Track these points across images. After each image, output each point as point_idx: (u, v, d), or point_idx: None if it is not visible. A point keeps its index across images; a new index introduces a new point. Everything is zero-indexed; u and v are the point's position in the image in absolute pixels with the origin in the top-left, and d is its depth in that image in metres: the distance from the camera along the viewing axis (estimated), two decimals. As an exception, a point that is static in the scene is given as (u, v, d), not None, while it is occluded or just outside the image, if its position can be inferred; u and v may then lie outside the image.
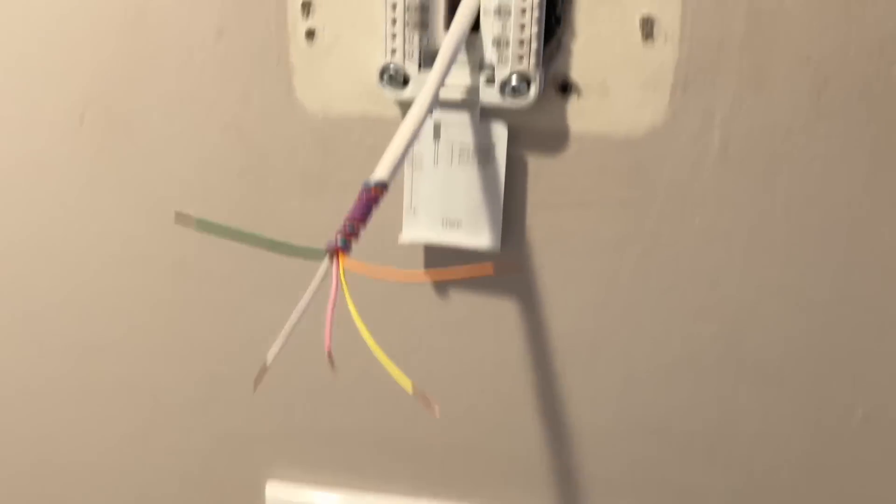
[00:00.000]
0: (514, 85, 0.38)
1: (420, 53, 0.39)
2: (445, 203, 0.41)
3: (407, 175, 0.41)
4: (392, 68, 0.39)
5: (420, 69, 0.39)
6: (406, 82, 0.39)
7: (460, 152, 0.40)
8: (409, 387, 0.29)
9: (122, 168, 0.46)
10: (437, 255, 0.43)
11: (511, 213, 0.41)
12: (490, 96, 0.39)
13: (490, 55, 0.38)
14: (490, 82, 0.38)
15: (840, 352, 0.40)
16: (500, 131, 0.40)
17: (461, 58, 0.39)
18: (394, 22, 0.38)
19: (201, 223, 0.28)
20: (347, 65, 0.41)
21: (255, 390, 0.35)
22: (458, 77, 0.39)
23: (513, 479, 0.48)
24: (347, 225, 0.32)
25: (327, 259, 0.31)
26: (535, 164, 0.41)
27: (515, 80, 0.38)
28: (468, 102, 0.39)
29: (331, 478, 0.50)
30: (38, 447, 0.54)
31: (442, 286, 0.44)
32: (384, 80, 0.39)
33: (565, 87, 0.39)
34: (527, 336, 0.44)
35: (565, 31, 0.38)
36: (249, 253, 0.33)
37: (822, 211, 0.38)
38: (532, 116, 0.39)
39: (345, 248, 0.32)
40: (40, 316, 0.50)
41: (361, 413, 0.48)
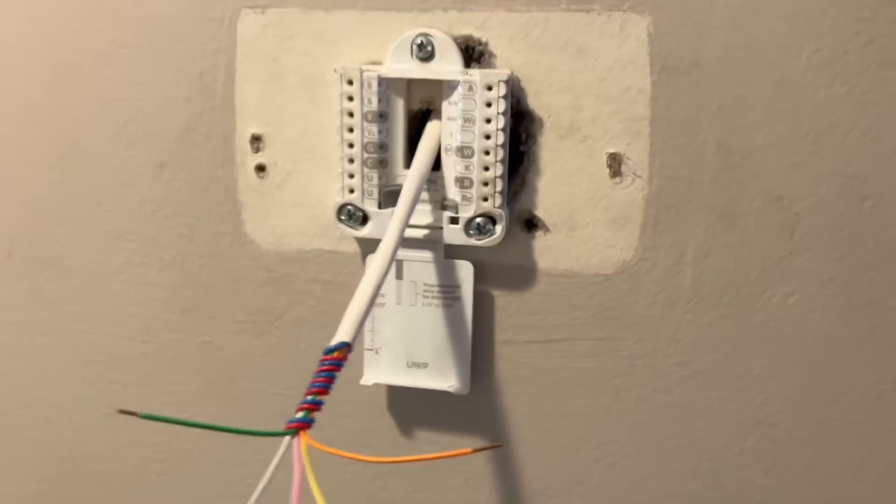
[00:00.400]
0: (479, 224, 0.36)
1: (379, 192, 0.37)
2: (410, 344, 0.39)
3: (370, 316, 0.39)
4: (350, 208, 0.37)
5: (380, 207, 0.37)
6: (365, 221, 0.37)
7: (424, 291, 0.38)
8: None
9: (54, 308, 0.42)
10: (402, 395, 0.41)
11: (479, 350, 0.39)
12: (454, 236, 0.37)
13: (453, 194, 0.36)
14: (454, 222, 0.37)
15: (821, 488, 0.39)
16: (466, 270, 0.38)
17: (422, 195, 0.37)
18: (350, 161, 0.36)
19: (146, 415, 0.26)
20: (301, 200, 0.39)
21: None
22: (421, 216, 0.37)
23: None
24: (310, 399, 0.29)
25: (288, 439, 0.29)
26: (503, 300, 0.39)
27: (481, 220, 0.36)
28: (431, 241, 0.37)
29: None
30: None
31: (408, 427, 0.41)
32: (342, 218, 0.37)
33: (531, 224, 0.38)
34: (498, 478, 0.41)
35: (529, 167, 0.37)
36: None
37: (798, 346, 0.37)
38: (498, 253, 0.38)
39: (308, 423, 0.29)
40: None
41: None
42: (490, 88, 0.34)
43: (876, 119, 0.34)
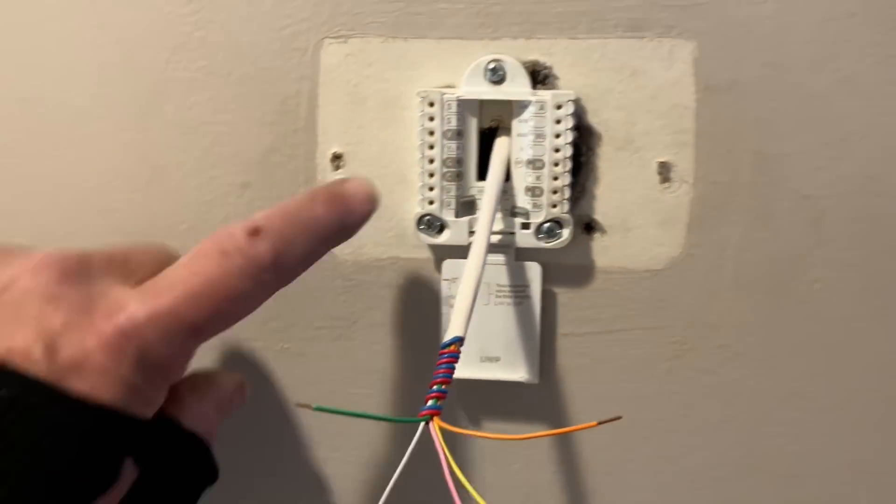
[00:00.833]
0: (548, 228, 0.40)
1: (457, 203, 0.40)
2: (483, 340, 0.43)
3: (443, 315, 0.42)
4: (429, 218, 0.41)
5: (457, 216, 0.41)
6: (442, 229, 0.41)
7: (497, 291, 0.42)
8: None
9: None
10: (474, 386, 0.44)
11: (543, 343, 0.43)
12: (526, 240, 0.41)
13: (522, 202, 0.40)
14: (525, 227, 0.41)
15: (845, 453, 0.44)
16: (535, 270, 0.42)
17: (494, 205, 0.41)
18: (430, 175, 0.40)
19: (318, 407, 0.29)
20: (379, 212, 0.42)
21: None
22: (494, 223, 0.41)
23: None
24: (437, 388, 0.33)
25: (423, 425, 0.32)
26: (564, 296, 0.43)
27: (550, 225, 0.40)
28: (504, 245, 0.41)
29: None
30: None
31: (475, 417, 0.45)
32: (422, 227, 0.41)
33: (590, 227, 0.42)
34: (557, 460, 0.45)
35: (588, 176, 0.41)
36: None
37: (823, 326, 0.42)
38: (561, 254, 0.42)
39: (438, 410, 0.33)
40: None
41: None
42: (559, 107, 0.39)
43: (886, 127, 0.39)
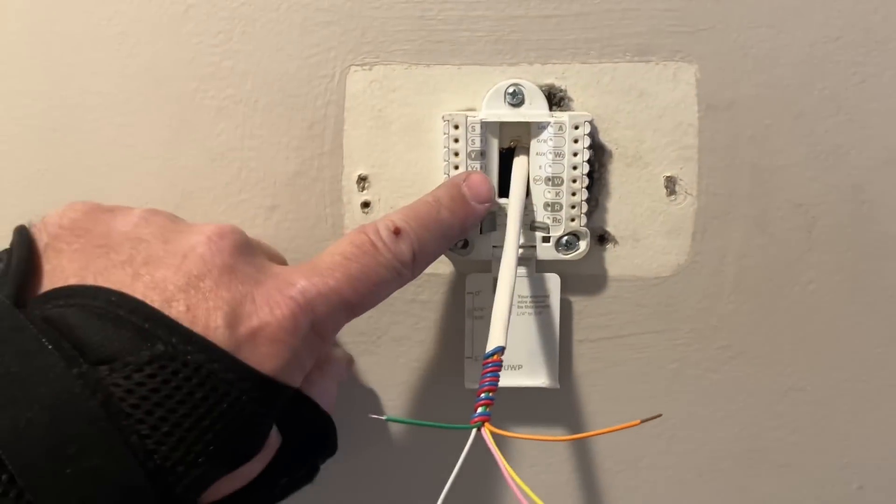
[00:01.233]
0: (567, 241, 0.43)
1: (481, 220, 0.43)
2: (506, 350, 0.45)
3: (468, 327, 0.44)
4: (454, 234, 0.43)
5: (481, 232, 0.43)
6: (466, 245, 0.43)
7: (518, 302, 0.44)
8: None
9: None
10: (499, 393, 0.46)
11: (561, 350, 0.46)
12: (546, 252, 0.43)
13: (542, 217, 0.43)
14: (546, 241, 0.43)
15: (838, 439, 0.48)
16: (554, 281, 0.44)
17: (515, 220, 0.43)
18: (455, 193, 0.42)
19: (389, 418, 0.31)
20: (403, 231, 0.44)
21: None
22: (516, 238, 0.43)
23: None
24: (485, 396, 0.35)
25: (475, 431, 0.34)
26: (579, 304, 0.45)
27: (568, 238, 0.43)
28: (525, 258, 0.44)
29: None
30: None
31: (500, 423, 0.47)
32: (446, 244, 0.43)
33: (603, 238, 0.45)
34: (574, 461, 0.48)
35: (601, 191, 0.44)
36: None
37: (816, 324, 0.46)
38: (576, 265, 0.44)
39: (488, 416, 0.35)
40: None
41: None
42: (577, 127, 0.41)
43: (869, 141, 0.43)
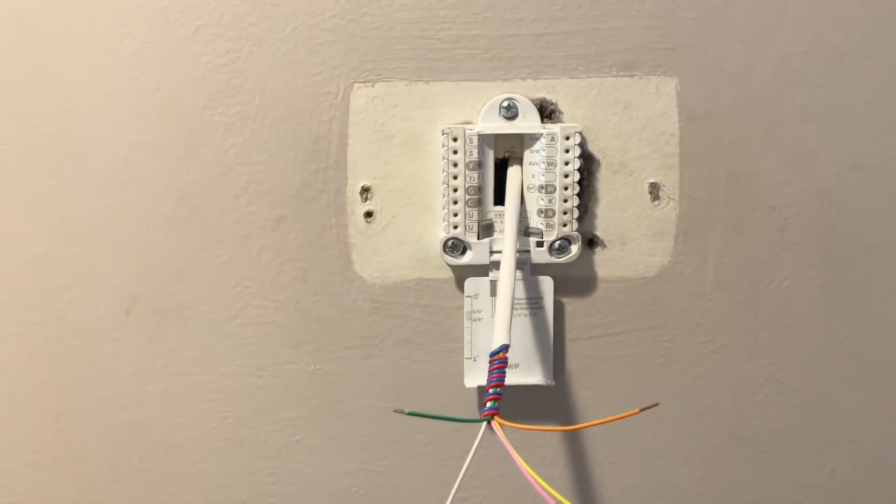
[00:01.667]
0: (559, 245, 0.46)
1: (478, 226, 0.45)
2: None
3: (466, 328, 0.47)
4: (453, 241, 0.45)
5: (478, 238, 0.45)
6: (464, 251, 0.46)
7: (514, 305, 0.47)
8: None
9: (171, 356, 0.47)
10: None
11: (555, 349, 0.48)
12: (540, 256, 0.46)
13: (535, 223, 0.45)
14: (539, 245, 0.46)
15: (812, 426, 0.51)
16: (548, 284, 0.47)
17: (510, 226, 0.46)
18: (454, 202, 0.45)
19: (412, 412, 0.33)
20: (404, 238, 0.46)
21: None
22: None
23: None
24: (493, 391, 0.37)
25: (485, 424, 0.36)
26: (571, 305, 0.48)
27: (561, 242, 0.45)
28: (520, 262, 0.46)
29: None
30: None
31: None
32: (447, 249, 0.45)
33: (592, 242, 0.47)
34: (568, 454, 0.50)
35: (590, 197, 0.47)
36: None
37: (791, 318, 0.49)
38: (568, 268, 0.47)
39: (497, 410, 0.37)
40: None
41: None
42: (568, 138, 0.44)
43: (835, 147, 0.47)
